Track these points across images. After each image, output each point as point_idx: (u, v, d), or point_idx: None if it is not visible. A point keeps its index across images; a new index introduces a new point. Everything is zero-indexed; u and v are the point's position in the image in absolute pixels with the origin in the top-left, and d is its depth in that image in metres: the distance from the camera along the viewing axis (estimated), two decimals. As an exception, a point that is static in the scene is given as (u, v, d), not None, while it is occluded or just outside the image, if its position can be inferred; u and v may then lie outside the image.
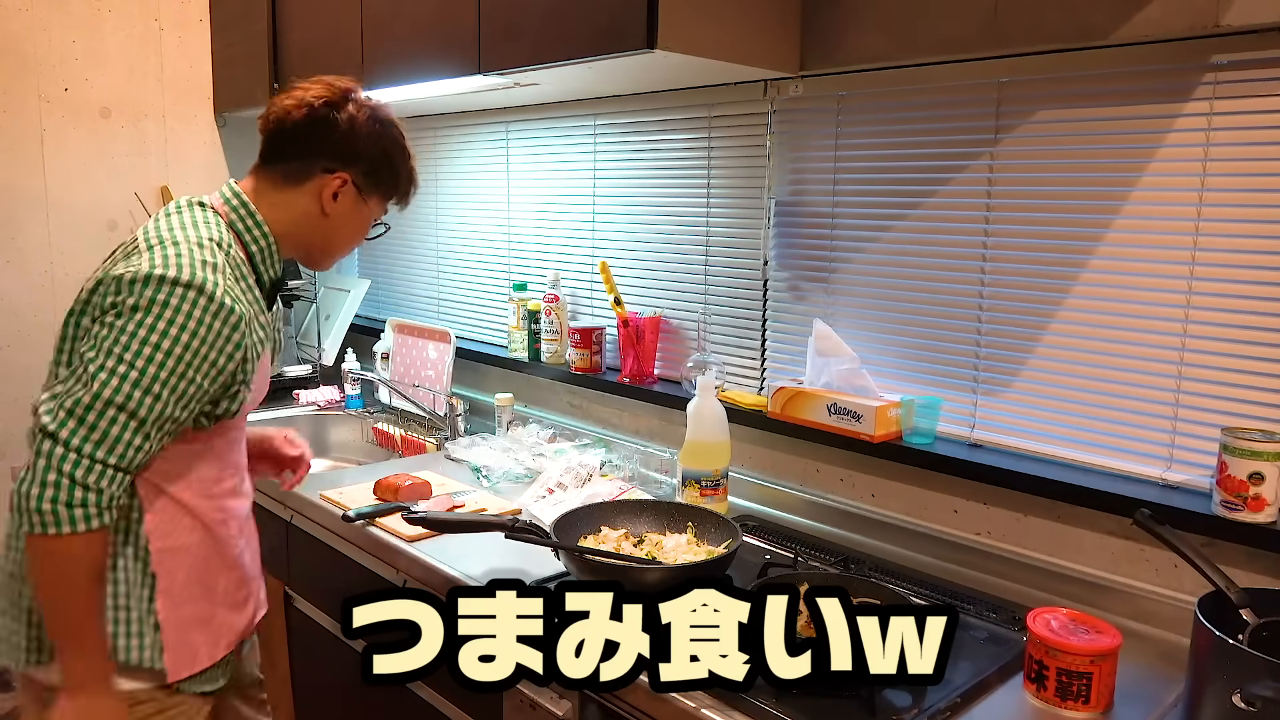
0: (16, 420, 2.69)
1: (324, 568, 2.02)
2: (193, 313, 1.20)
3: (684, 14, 1.58)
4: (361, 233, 1.50)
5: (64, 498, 1.15)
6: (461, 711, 1.68)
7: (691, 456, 1.88)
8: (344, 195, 1.40)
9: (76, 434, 1.16)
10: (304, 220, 1.40)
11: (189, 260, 1.22)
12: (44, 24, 2.63)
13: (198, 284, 1.21)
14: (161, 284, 1.19)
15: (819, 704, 1.18)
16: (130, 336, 1.18)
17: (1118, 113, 1.49)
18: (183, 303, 1.19)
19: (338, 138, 1.37)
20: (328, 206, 1.40)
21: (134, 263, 1.23)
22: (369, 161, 1.41)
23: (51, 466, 1.15)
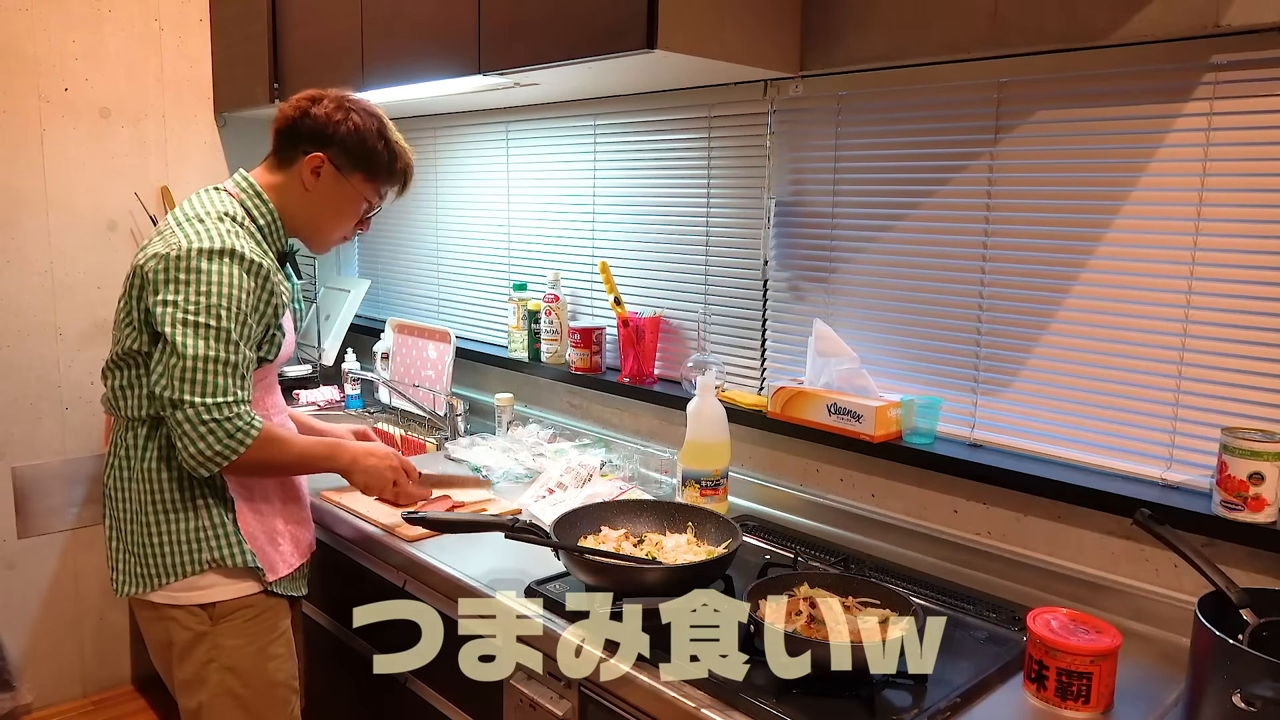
0: (17, 420, 2.69)
1: (324, 568, 2.01)
2: (234, 271, 1.46)
3: (684, 14, 1.58)
4: (347, 210, 1.67)
5: (219, 435, 1.42)
6: (461, 711, 1.68)
7: (691, 456, 1.88)
8: (324, 173, 1.61)
9: (195, 393, 1.42)
10: (294, 198, 1.63)
11: (216, 232, 1.48)
12: (44, 24, 2.63)
13: (229, 248, 1.47)
14: (201, 255, 1.45)
15: (819, 704, 1.18)
16: (191, 303, 1.43)
17: (1118, 113, 1.49)
18: (223, 265, 1.46)
19: (315, 124, 1.60)
20: (309, 183, 1.61)
21: (171, 241, 1.47)
22: (341, 141, 1.60)
23: (195, 423, 1.42)
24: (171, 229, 1.50)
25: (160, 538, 1.55)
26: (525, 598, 1.52)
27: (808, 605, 1.29)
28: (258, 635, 1.61)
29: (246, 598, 1.59)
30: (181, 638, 1.58)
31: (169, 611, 1.57)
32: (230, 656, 1.58)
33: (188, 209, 1.55)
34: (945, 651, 1.32)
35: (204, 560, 1.55)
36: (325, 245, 1.73)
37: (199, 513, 1.55)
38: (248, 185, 1.61)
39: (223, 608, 1.57)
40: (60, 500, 2.78)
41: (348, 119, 1.60)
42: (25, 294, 2.68)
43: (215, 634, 1.57)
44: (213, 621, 1.57)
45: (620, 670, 1.31)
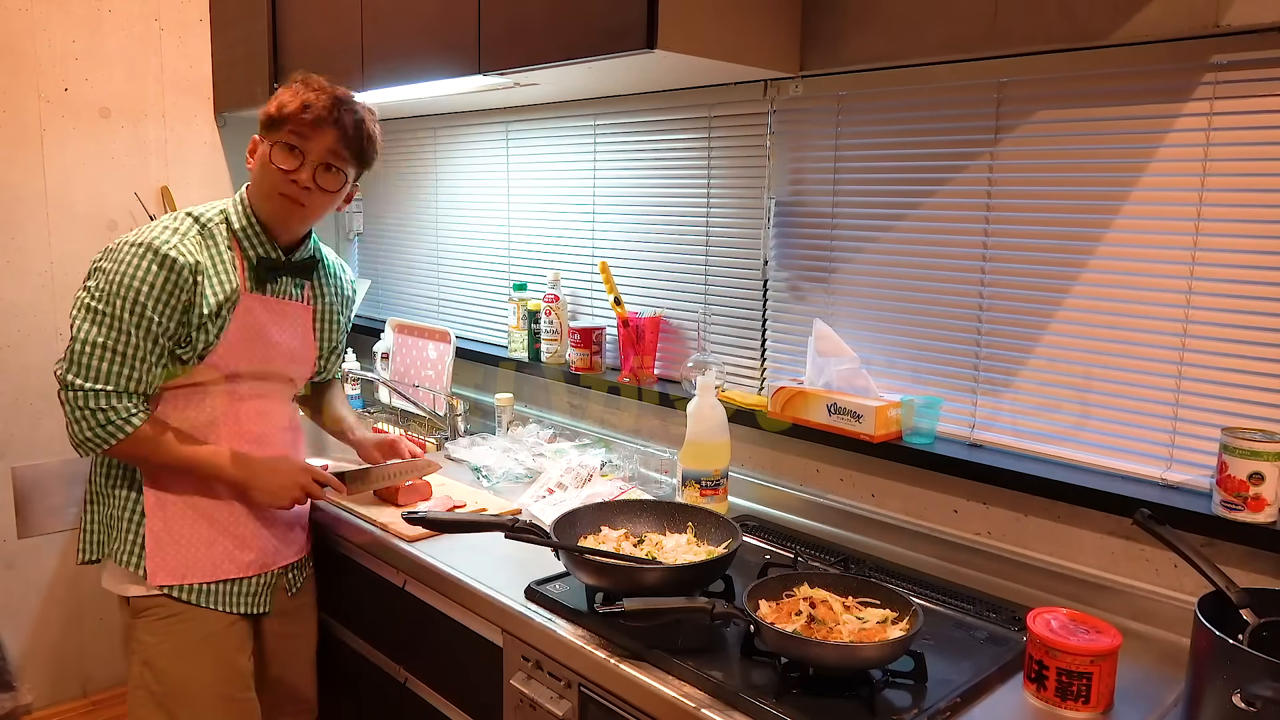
0: (17, 420, 2.69)
1: (324, 568, 2.01)
2: (141, 264, 1.52)
3: (684, 14, 1.58)
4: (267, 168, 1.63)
5: (91, 423, 1.50)
6: (461, 711, 1.68)
7: (691, 456, 1.88)
8: (255, 150, 1.66)
9: (77, 375, 1.49)
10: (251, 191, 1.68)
11: (154, 228, 1.57)
12: (44, 24, 2.63)
13: (146, 242, 1.54)
14: (122, 246, 1.55)
15: (819, 704, 1.18)
16: (98, 289, 1.52)
17: (1118, 113, 1.49)
18: (133, 257, 1.53)
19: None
20: (249, 166, 1.67)
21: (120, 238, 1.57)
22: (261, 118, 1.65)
23: (73, 405, 1.50)
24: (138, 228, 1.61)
25: (89, 515, 1.69)
26: (525, 598, 1.52)
27: (808, 605, 1.29)
28: (170, 636, 1.64)
29: (156, 597, 1.64)
30: (121, 623, 1.70)
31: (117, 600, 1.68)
32: (148, 651, 1.64)
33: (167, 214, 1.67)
34: (945, 651, 1.32)
35: (106, 550, 1.66)
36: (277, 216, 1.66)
37: (111, 502, 1.65)
38: (239, 196, 1.69)
39: (137, 603, 1.64)
40: (60, 500, 2.78)
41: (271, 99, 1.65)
42: (25, 294, 2.68)
43: (136, 626, 1.65)
44: (134, 615, 1.65)
45: (620, 670, 1.31)
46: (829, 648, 1.20)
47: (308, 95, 1.63)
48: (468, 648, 1.62)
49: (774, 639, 1.23)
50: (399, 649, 1.85)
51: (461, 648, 1.64)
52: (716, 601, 1.28)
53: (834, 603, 1.31)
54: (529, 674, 1.48)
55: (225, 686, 1.67)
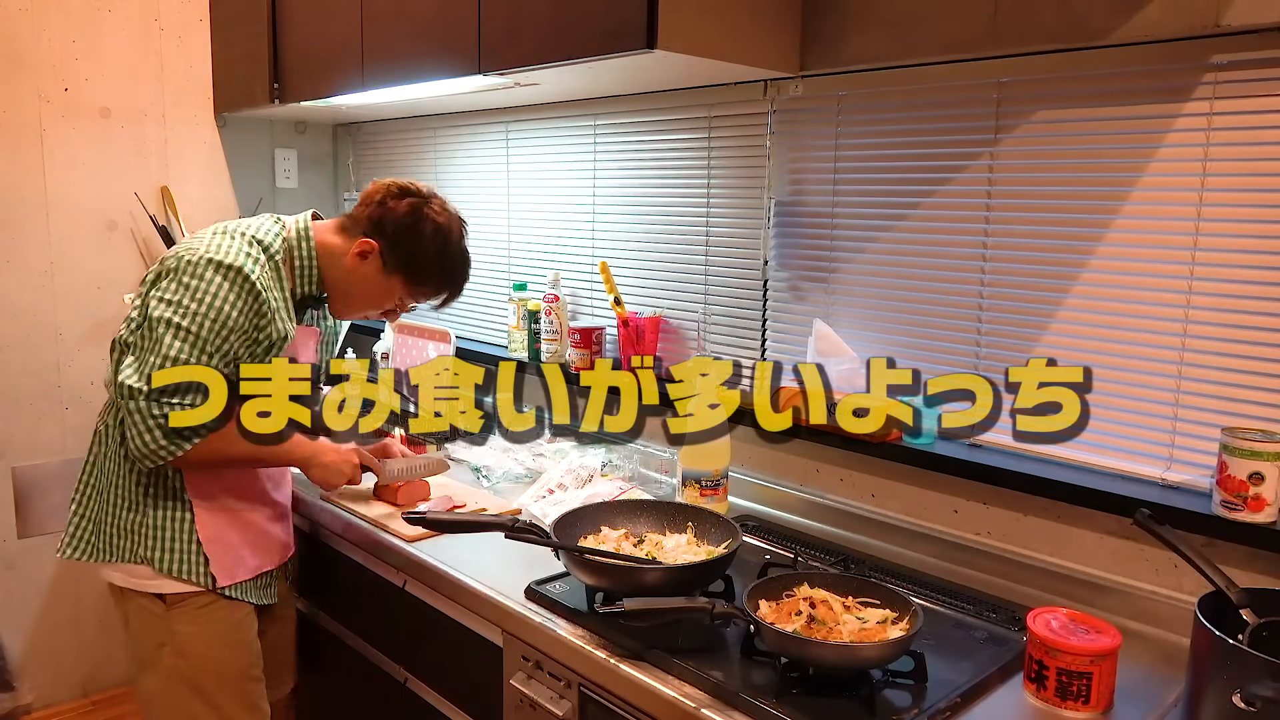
0: (17, 420, 2.69)
1: (324, 568, 2.02)
2: (233, 290, 1.53)
3: (684, 14, 1.57)
4: (378, 301, 1.76)
5: (162, 435, 1.50)
6: (461, 712, 1.68)
7: (691, 456, 1.88)
8: (370, 260, 1.69)
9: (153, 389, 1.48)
10: (338, 264, 1.70)
11: (235, 249, 1.56)
12: (44, 24, 2.63)
13: (236, 266, 1.53)
14: (209, 266, 1.53)
15: (819, 704, 1.18)
16: (187, 308, 1.51)
17: (1118, 113, 1.49)
18: (224, 281, 1.53)
19: (385, 216, 1.68)
20: (352, 263, 1.69)
21: (194, 245, 1.56)
22: (398, 245, 1.68)
23: (145, 415, 1.48)
24: (202, 236, 1.59)
25: (112, 518, 1.65)
26: (525, 598, 1.52)
27: (808, 605, 1.29)
28: (207, 625, 1.69)
29: (194, 592, 1.67)
30: (136, 618, 1.69)
31: (126, 594, 1.68)
32: (182, 642, 1.67)
33: (231, 225, 1.63)
34: (945, 651, 1.32)
35: (139, 555, 1.64)
36: (344, 316, 1.82)
37: (145, 509, 1.64)
38: (303, 228, 1.69)
39: (173, 597, 1.66)
40: (60, 500, 2.78)
41: (416, 225, 1.68)
42: (25, 294, 2.68)
43: (168, 618, 1.66)
44: (166, 606, 1.66)
45: (620, 670, 1.31)
46: (829, 648, 1.20)
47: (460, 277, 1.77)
48: (468, 648, 1.62)
49: (774, 639, 1.23)
50: (399, 649, 1.85)
51: (461, 648, 1.64)
52: (716, 601, 1.29)
53: (834, 603, 1.31)
54: (529, 674, 1.48)
55: (250, 668, 1.76)
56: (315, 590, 2.09)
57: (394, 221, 1.67)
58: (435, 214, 1.70)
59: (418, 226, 1.68)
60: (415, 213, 1.68)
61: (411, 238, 1.68)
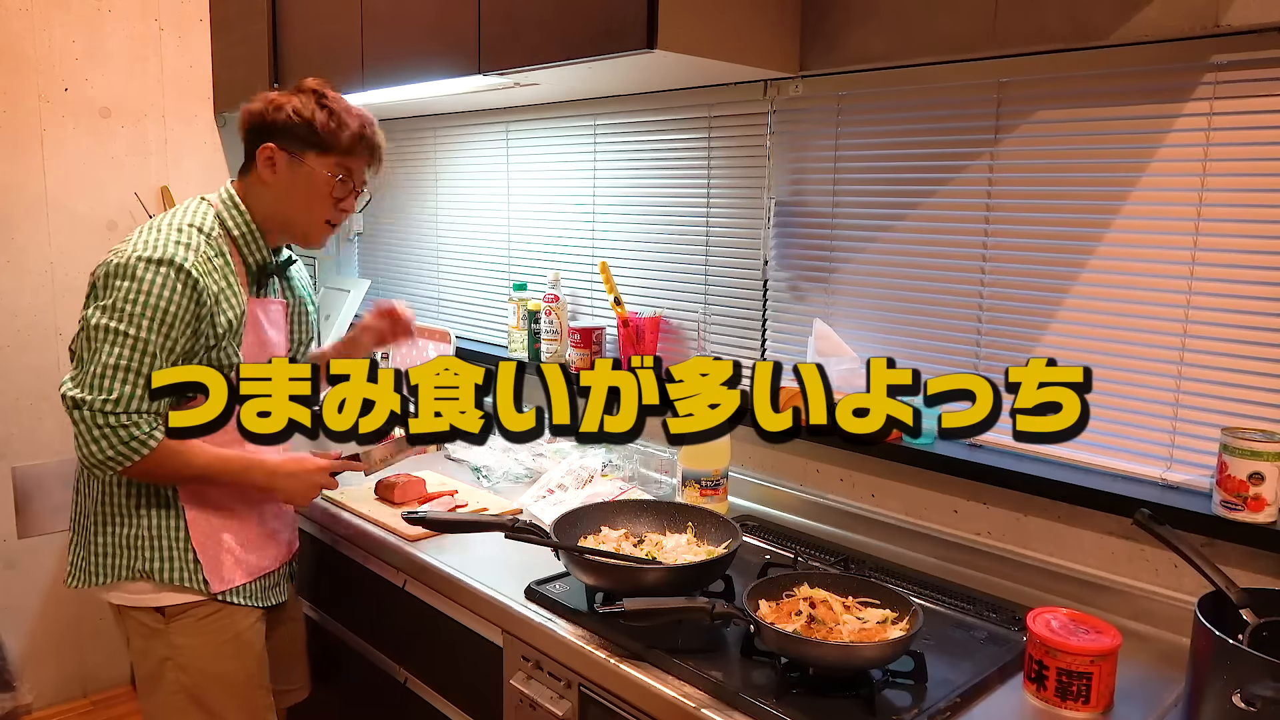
0: (16, 420, 2.69)
1: (323, 568, 2.02)
2: (167, 283, 1.47)
3: (684, 14, 1.57)
4: (313, 193, 1.64)
5: (112, 442, 1.44)
6: (461, 711, 1.68)
7: (691, 456, 1.88)
8: (278, 162, 1.61)
9: (97, 398, 1.43)
10: (261, 196, 1.64)
11: (165, 240, 1.50)
12: (44, 24, 2.63)
13: (167, 258, 1.48)
14: (139, 263, 1.47)
15: (819, 704, 1.18)
16: (117, 309, 1.45)
17: (1118, 113, 1.49)
18: (156, 275, 1.47)
19: (257, 118, 1.62)
20: (267, 177, 1.62)
21: (122, 248, 1.51)
22: (283, 126, 1.60)
23: (90, 425, 1.44)
24: (131, 237, 1.54)
25: (103, 538, 1.59)
26: (525, 598, 1.52)
27: (808, 605, 1.29)
28: (208, 636, 1.64)
29: (193, 603, 1.62)
30: (136, 636, 1.64)
31: (126, 612, 1.63)
32: (184, 655, 1.62)
33: (158, 219, 1.57)
34: (945, 651, 1.32)
35: (136, 569, 1.58)
36: (309, 236, 1.70)
37: (139, 520, 1.58)
38: (227, 196, 1.63)
39: (172, 609, 1.61)
40: (60, 500, 2.78)
41: (287, 104, 1.61)
42: (25, 294, 2.68)
43: (168, 632, 1.62)
44: (165, 620, 1.61)
45: (620, 670, 1.31)
46: (829, 648, 1.20)
47: (354, 118, 1.64)
48: (468, 648, 1.62)
49: (774, 639, 1.23)
50: (399, 649, 1.85)
51: (461, 648, 1.64)
52: (716, 601, 1.29)
53: (834, 603, 1.31)
54: (529, 674, 1.48)
55: (255, 677, 1.71)
56: (315, 590, 2.09)
57: (266, 115, 1.61)
58: (301, 86, 1.65)
59: (287, 103, 1.61)
60: (277, 97, 1.63)
61: (289, 113, 1.60)
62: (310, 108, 1.61)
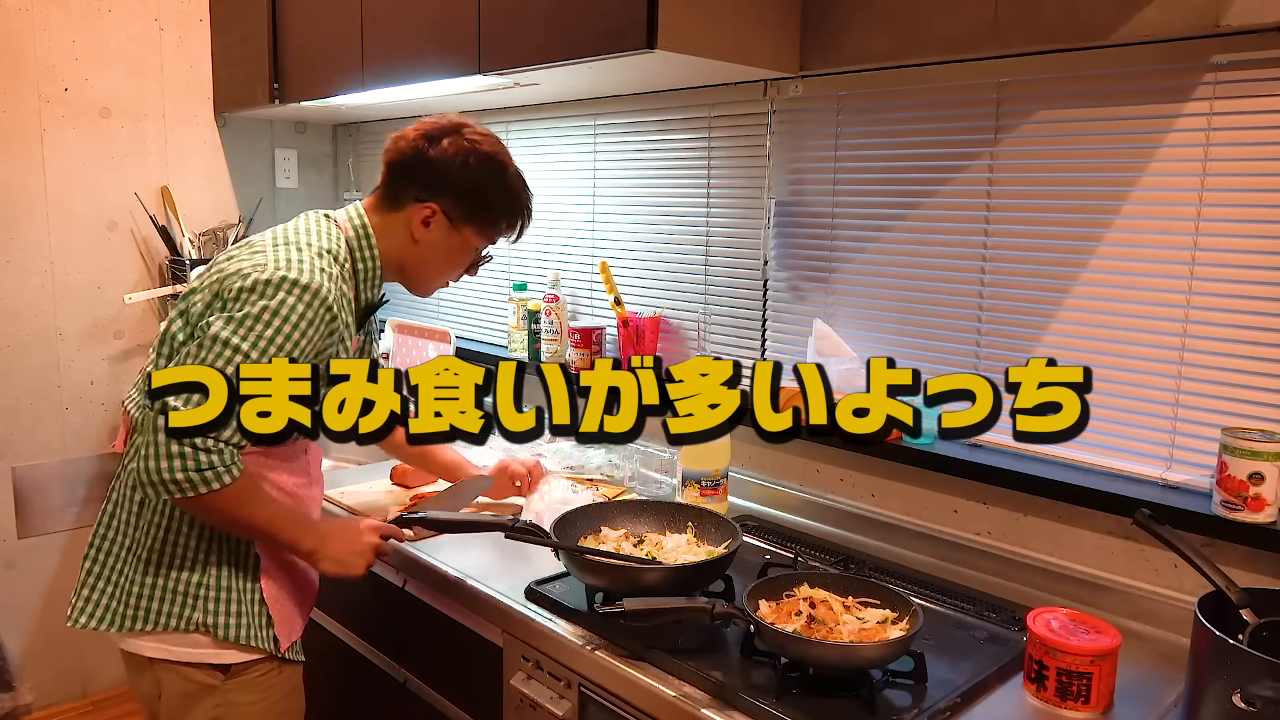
0: (17, 420, 2.69)
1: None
2: (306, 313, 1.34)
3: (684, 14, 1.57)
4: (456, 261, 1.58)
5: (190, 464, 1.27)
6: (461, 711, 1.68)
7: (691, 456, 1.88)
8: (434, 223, 1.51)
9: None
10: (399, 243, 1.53)
11: (310, 266, 1.37)
12: (44, 24, 2.63)
13: (314, 288, 1.35)
14: (283, 284, 1.34)
15: (819, 704, 1.18)
16: (249, 328, 1.31)
17: (1118, 113, 1.49)
18: (298, 302, 1.34)
19: (428, 169, 1.49)
20: (417, 233, 1.52)
21: (259, 260, 1.37)
22: (458, 192, 1.50)
23: (170, 439, 1.26)
24: (264, 248, 1.40)
25: (152, 579, 1.42)
26: (525, 598, 1.52)
27: (808, 605, 1.29)
28: (272, 690, 1.50)
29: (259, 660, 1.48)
30: (178, 691, 1.45)
31: (162, 666, 1.45)
32: (239, 713, 1.47)
33: (292, 233, 1.44)
34: (945, 651, 1.32)
35: (193, 621, 1.42)
36: (427, 291, 1.63)
37: (206, 569, 1.42)
38: (360, 225, 1.51)
39: (237, 667, 1.46)
40: (60, 500, 2.78)
41: (467, 164, 1.49)
42: (25, 294, 2.68)
43: (225, 690, 1.45)
44: (225, 678, 1.45)
45: (620, 670, 1.31)
46: (829, 648, 1.20)
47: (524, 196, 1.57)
48: (468, 648, 1.62)
49: (774, 639, 1.23)
50: (399, 649, 1.85)
51: (461, 648, 1.64)
52: (716, 601, 1.29)
53: (834, 603, 1.31)
54: (529, 674, 1.48)
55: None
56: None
57: (444, 171, 1.48)
58: (478, 143, 1.51)
59: (469, 166, 1.48)
60: (461, 152, 1.48)
61: (467, 181, 1.49)
62: (494, 183, 1.52)
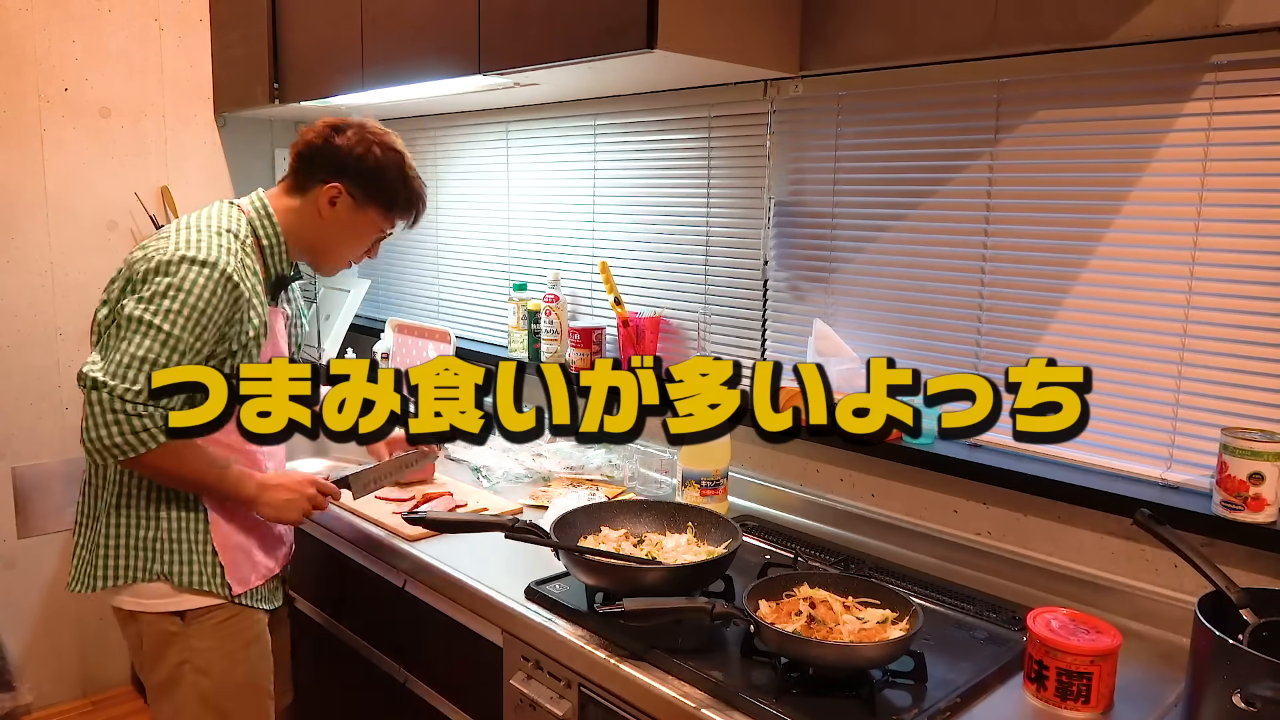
0: (16, 420, 2.69)
1: (323, 568, 2.02)
2: (208, 284, 1.48)
3: (684, 14, 1.57)
4: (359, 238, 1.73)
5: (123, 429, 1.42)
6: (461, 711, 1.68)
7: (691, 456, 1.88)
8: (340, 203, 1.65)
9: (119, 385, 1.42)
10: (307, 223, 1.67)
11: (208, 244, 1.51)
12: (44, 24, 2.63)
13: (212, 261, 1.49)
14: (184, 262, 1.48)
15: (819, 704, 1.18)
16: (158, 304, 1.45)
17: (1118, 113, 1.49)
18: (200, 278, 1.47)
19: (336, 153, 1.64)
20: (325, 212, 1.66)
21: (162, 245, 1.51)
22: (361, 173, 1.64)
23: (106, 409, 1.41)
24: (169, 234, 1.53)
25: (116, 539, 1.56)
26: (525, 598, 1.52)
27: (808, 605, 1.29)
28: (231, 637, 1.63)
29: (213, 606, 1.60)
30: (151, 640, 1.60)
31: (138, 617, 1.59)
32: (202, 658, 1.60)
33: (194, 218, 1.58)
34: (945, 651, 1.33)
35: (154, 571, 1.56)
36: (333, 269, 1.78)
37: (158, 521, 1.56)
38: (261, 206, 1.65)
39: (192, 613, 1.59)
40: (60, 500, 2.78)
41: (369, 152, 1.64)
42: (25, 294, 2.68)
43: (186, 634, 1.59)
44: (184, 623, 1.59)
45: (620, 670, 1.31)
46: (829, 648, 1.20)
47: (424, 193, 1.73)
48: (468, 648, 1.62)
49: (774, 639, 1.23)
50: (399, 649, 1.85)
51: (461, 648, 1.64)
52: (716, 601, 1.29)
53: (834, 603, 1.31)
54: (529, 674, 1.48)
55: (264, 680, 1.70)
56: (315, 590, 2.09)
57: (348, 156, 1.63)
58: (378, 135, 1.67)
59: (371, 153, 1.64)
60: (364, 141, 1.64)
61: (371, 168, 1.64)
62: (394, 167, 1.67)
